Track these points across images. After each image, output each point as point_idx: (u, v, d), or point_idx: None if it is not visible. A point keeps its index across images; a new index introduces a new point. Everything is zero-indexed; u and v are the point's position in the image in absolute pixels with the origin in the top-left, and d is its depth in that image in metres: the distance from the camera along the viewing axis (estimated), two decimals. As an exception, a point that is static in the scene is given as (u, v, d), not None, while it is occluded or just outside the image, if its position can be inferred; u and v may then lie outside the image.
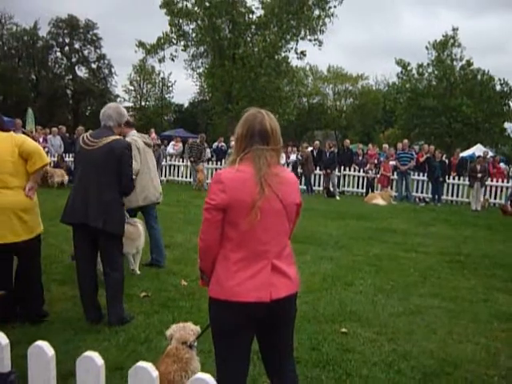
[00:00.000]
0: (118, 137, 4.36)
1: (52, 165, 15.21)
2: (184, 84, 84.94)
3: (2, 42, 45.42)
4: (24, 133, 11.90)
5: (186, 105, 52.68)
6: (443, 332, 4.59)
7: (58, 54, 47.41)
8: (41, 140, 16.37)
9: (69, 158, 15.55)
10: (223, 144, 19.32)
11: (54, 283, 5.42)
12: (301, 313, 4.13)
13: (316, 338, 4.25)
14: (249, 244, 2.28)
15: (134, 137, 6.06)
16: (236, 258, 2.29)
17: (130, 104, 50.88)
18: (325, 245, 8.30)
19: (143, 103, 50.28)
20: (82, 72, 48.20)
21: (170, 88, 49.62)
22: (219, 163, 18.14)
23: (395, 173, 16.41)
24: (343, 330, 4.48)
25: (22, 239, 4.07)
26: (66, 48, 47.08)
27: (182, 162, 18.03)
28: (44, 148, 16.06)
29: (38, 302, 4.34)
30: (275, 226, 2.33)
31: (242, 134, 2.33)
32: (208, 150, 17.88)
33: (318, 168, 17.11)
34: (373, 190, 16.61)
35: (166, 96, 49.87)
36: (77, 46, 47.38)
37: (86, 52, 47.86)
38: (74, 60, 47.52)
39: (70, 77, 47.56)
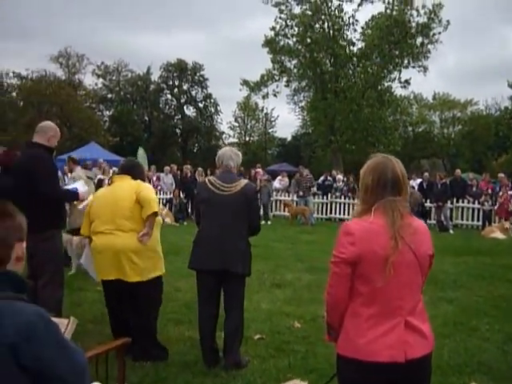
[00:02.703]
0: (246, 181, 4.50)
1: (165, 202, 15.98)
2: (287, 118, 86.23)
3: (119, 88, 48.99)
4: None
5: (289, 138, 53.28)
6: None
7: (169, 95, 50.21)
8: (154, 179, 17.26)
9: (182, 195, 16.40)
10: (329, 178, 19.16)
11: (171, 323, 5.55)
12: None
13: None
14: (381, 299, 2.16)
15: (79, 172, 8.45)
16: (367, 314, 2.17)
17: (235, 140, 52.51)
18: (442, 284, 7.81)
19: (247, 138, 51.59)
20: (189, 111, 50.66)
21: (273, 123, 50.65)
22: (325, 197, 18.00)
23: (515, 204, 15.28)
24: (473, 384, 4.13)
25: (130, 280, 4.25)
26: (176, 90, 49.74)
27: (289, 196, 18.08)
28: (157, 186, 16.94)
29: (148, 344, 4.42)
30: (408, 280, 2.19)
31: (371, 183, 2.23)
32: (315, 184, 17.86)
33: (428, 200, 16.41)
34: (490, 223, 15.59)
35: (270, 131, 50.90)
36: (185, 87, 49.91)
37: (193, 92, 50.25)
38: (182, 100, 50.07)
39: (179, 116, 50.09)
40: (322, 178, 19.21)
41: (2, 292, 1.65)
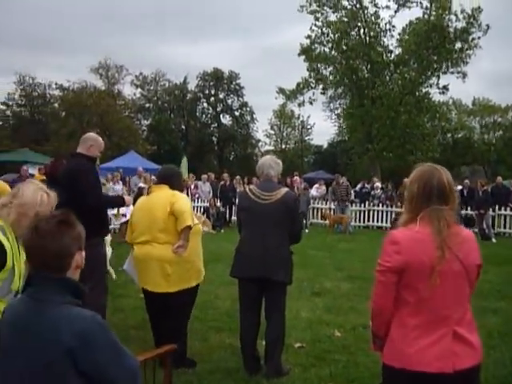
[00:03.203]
0: (287, 189, 4.51)
1: (202, 210, 16.12)
2: (322, 125, 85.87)
3: (157, 98, 49.85)
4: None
5: (325, 146, 53.09)
6: None
7: (205, 104, 50.83)
8: (192, 187, 17.45)
9: (219, 203, 16.58)
10: (367, 186, 18.99)
11: (212, 331, 5.60)
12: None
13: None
14: (428, 309, 2.15)
15: None
16: (414, 324, 2.16)
17: (271, 148, 52.68)
18: (485, 294, 7.63)
19: (283, 146, 51.67)
20: (226, 120, 51.14)
21: (310, 130, 50.62)
22: (363, 205, 17.83)
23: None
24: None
25: (162, 291, 4.31)
26: (212, 98, 50.33)
27: (326, 204, 18.00)
28: (195, 194, 17.12)
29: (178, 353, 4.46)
30: (456, 290, 2.18)
31: (417, 192, 2.23)
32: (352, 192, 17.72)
33: (469, 208, 16.07)
34: (535, 231, 15.15)
35: (306, 138, 50.87)
36: (221, 95, 50.44)
37: (229, 101, 50.73)
38: (218, 109, 50.59)
39: (216, 125, 50.62)
40: (359, 186, 19.05)
41: (62, 297, 1.72)
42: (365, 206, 17.83)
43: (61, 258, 1.78)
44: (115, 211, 9.54)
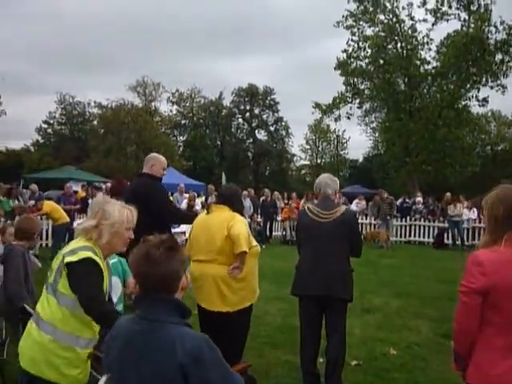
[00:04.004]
0: (345, 207, 4.57)
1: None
2: (358, 139, 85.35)
3: (193, 114, 50.56)
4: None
5: (361, 160, 52.80)
6: None
7: (240, 120, 51.31)
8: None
9: (260, 219, 16.70)
10: (408, 200, 18.79)
11: (267, 346, 5.64)
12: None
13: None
14: (515, 330, 2.16)
15: (99, 198, 9.14)
16: (500, 345, 2.17)
17: (307, 162, 52.72)
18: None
19: (319, 161, 51.60)
20: (261, 135, 51.47)
21: (345, 144, 50.44)
22: (403, 220, 17.64)
23: None
24: None
25: (217, 309, 4.34)
26: (247, 114, 50.78)
27: (366, 219, 17.86)
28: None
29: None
30: (543, 311, 2.18)
31: (502, 214, 2.25)
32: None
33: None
34: None
35: (341, 152, 50.68)
36: (256, 111, 50.86)
37: (264, 116, 51.10)
38: (254, 124, 50.97)
39: (251, 140, 50.96)
40: (400, 200, 18.84)
41: (173, 318, 1.82)
42: (406, 221, 17.64)
43: (171, 282, 1.88)
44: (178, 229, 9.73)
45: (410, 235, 17.64)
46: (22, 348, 2.64)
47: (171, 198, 12.61)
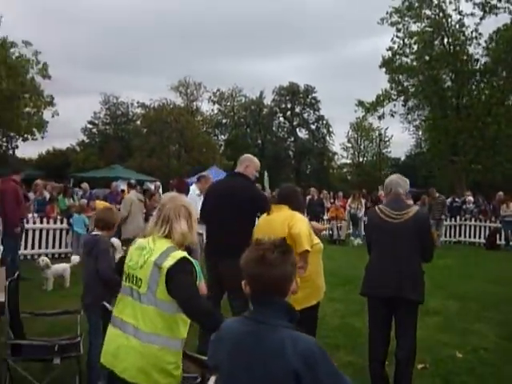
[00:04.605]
0: (417, 208, 4.47)
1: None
2: (400, 137, 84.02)
3: (233, 113, 50.82)
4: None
5: (403, 158, 51.95)
6: None
7: (281, 118, 51.24)
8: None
9: (307, 218, 16.46)
10: (457, 200, 18.35)
11: (328, 348, 5.53)
12: None
13: None
14: None
15: (132, 195, 10.04)
16: None
17: (348, 161, 52.24)
18: None
19: (360, 159, 51.06)
20: (302, 133, 51.29)
21: (387, 142, 49.71)
22: (453, 220, 17.22)
23: None
24: None
25: None
26: (288, 113, 50.68)
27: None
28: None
29: None
30: None
31: None
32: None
33: None
34: None
35: (384, 151, 49.98)
36: (297, 109, 50.69)
37: (305, 115, 50.89)
38: (295, 123, 50.82)
39: (292, 139, 50.86)
40: (449, 200, 18.41)
41: (283, 321, 1.79)
42: (456, 221, 17.23)
43: (284, 284, 1.87)
44: None
45: (460, 235, 17.22)
46: (124, 362, 2.57)
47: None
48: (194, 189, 7.39)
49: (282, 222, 4.38)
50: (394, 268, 4.18)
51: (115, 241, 10.18)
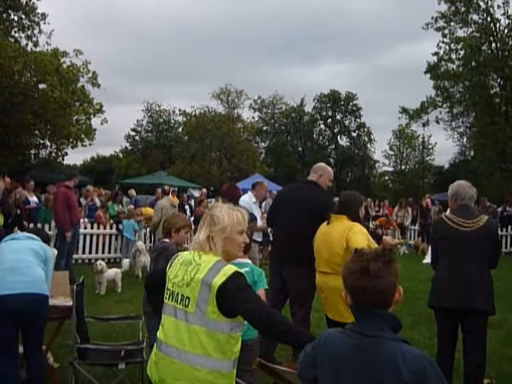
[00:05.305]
0: (487, 216, 4.36)
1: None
2: (443, 145, 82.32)
3: (274, 120, 50.82)
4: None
5: (446, 166, 50.82)
6: None
7: (322, 126, 50.91)
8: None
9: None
10: (509, 209, 17.76)
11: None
12: None
13: None
14: None
15: (164, 201, 10.18)
16: None
17: (390, 169, 51.45)
18: None
19: (403, 167, 50.23)
20: (343, 141, 50.78)
21: (431, 150, 48.72)
22: (504, 230, 16.68)
23: None
24: None
25: (344, 320, 4.18)
26: (329, 120, 50.32)
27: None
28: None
29: None
30: None
31: None
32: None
33: None
34: None
35: (427, 158, 49.01)
36: (338, 117, 50.24)
37: (346, 122, 50.37)
38: (336, 130, 50.41)
39: (333, 146, 50.44)
40: (500, 209, 17.85)
41: (389, 333, 1.73)
42: (507, 231, 16.69)
43: (389, 296, 1.82)
44: None
45: (511, 246, 16.67)
46: None
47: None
48: (250, 195, 7.35)
49: (341, 234, 4.30)
50: (463, 278, 4.07)
51: (140, 244, 10.30)
